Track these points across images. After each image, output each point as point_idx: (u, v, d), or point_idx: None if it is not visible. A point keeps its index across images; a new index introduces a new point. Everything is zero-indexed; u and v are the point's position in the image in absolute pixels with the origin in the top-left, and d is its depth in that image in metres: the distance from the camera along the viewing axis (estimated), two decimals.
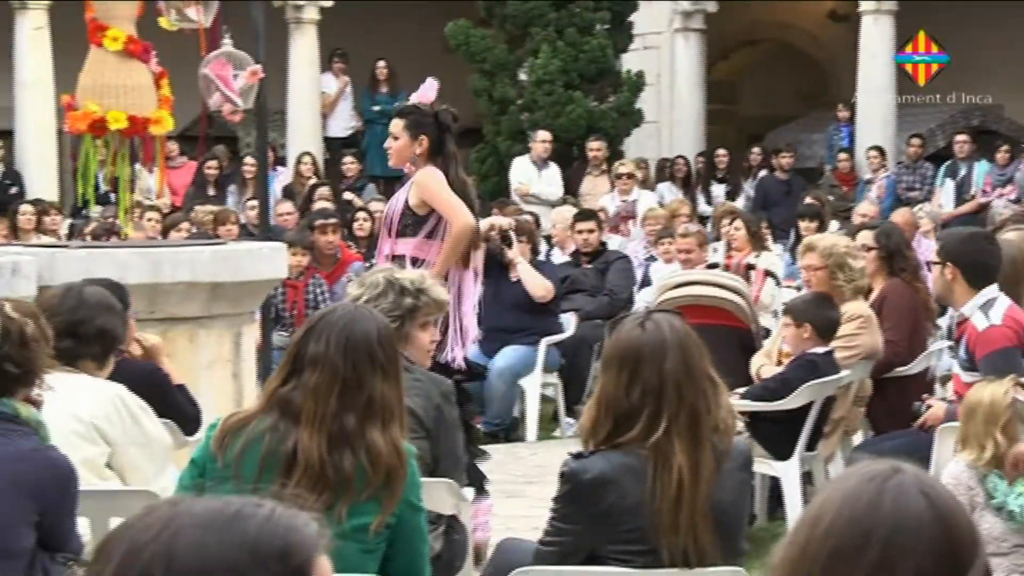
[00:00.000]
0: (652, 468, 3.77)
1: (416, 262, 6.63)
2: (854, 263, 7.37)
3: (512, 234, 9.91)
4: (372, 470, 3.74)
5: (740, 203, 16.24)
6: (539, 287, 9.98)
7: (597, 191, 15.47)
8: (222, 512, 1.64)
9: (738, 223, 11.44)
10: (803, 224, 12.54)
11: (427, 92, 7.19)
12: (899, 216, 12.34)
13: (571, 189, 15.54)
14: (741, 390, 7.20)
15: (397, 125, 6.96)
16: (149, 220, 12.25)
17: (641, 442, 3.78)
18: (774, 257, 11.48)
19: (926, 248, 11.89)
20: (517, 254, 9.97)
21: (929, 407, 6.62)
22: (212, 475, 3.78)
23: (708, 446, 3.80)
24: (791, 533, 1.80)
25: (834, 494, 1.79)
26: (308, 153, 16.88)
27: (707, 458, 3.79)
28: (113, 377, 4.93)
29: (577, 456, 3.88)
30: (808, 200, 14.37)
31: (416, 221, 6.74)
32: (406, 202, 6.78)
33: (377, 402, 3.76)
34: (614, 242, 13.31)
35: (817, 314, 6.94)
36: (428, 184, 6.73)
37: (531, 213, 12.72)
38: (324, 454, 3.70)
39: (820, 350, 6.90)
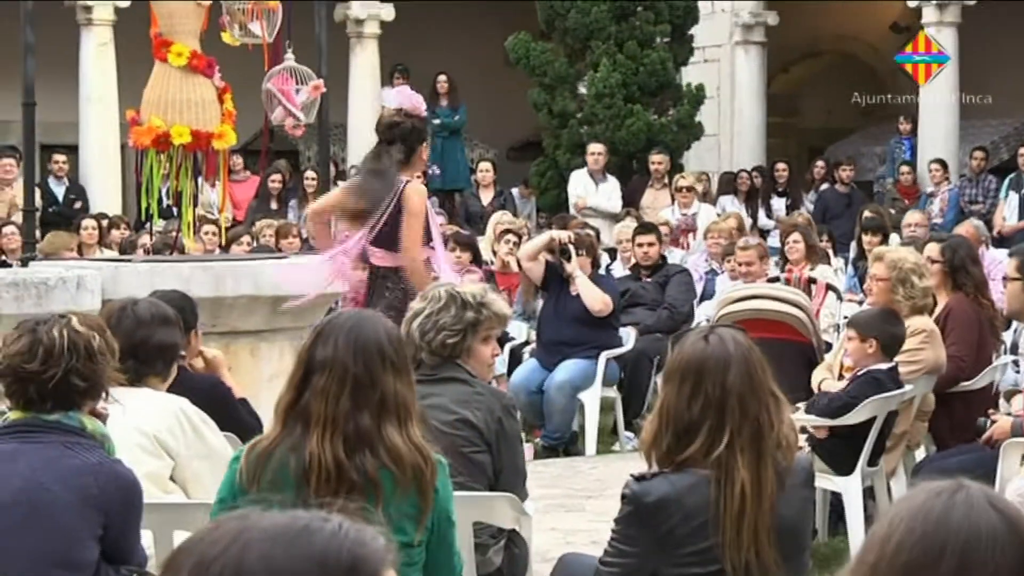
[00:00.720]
0: (715, 483, 3.76)
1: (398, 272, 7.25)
2: (918, 281, 7.28)
3: (571, 248, 9.92)
4: (398, 470, 3.72)
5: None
6: (597, 300, 9.97)
7: (658, 204, 15.46)
8: (290, 526, 1.65)
9: (796, 236, 11.40)
10: (866, 238, 12.45)
11: (414, 102, 7.92)
12: (963, 229, 12.23)
13: (632, 202, 15.53)
14: (803, 404, 7.16)
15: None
16: (207, 234, 12.34)
17: (703, 457, 3.77)
18: (830, 270, 11.41)
19: (987, 261, 11.79)
20: (575, 268, 9.97)
21: (994, 422, 6.56)
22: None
23: (771, 461, 3.79)
24: (860, 553, 1.79)
25: (902, 511, 1.78)
26: None
27: (769, 474, 3.78)
28: (175, 390, 4.96)
29: (639, 478, 3.86)
30: (868, 213, 14.27)
31: None
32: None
33: (391, 400, 3.76)
34: (674, 255, 13.27)
35: (883, 329, 6.86)
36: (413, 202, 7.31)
37: (591, 227, 12.70)
38: (341, 457, 3.68)
39: (884, 366, 6.83)
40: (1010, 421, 6.50)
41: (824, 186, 17.72)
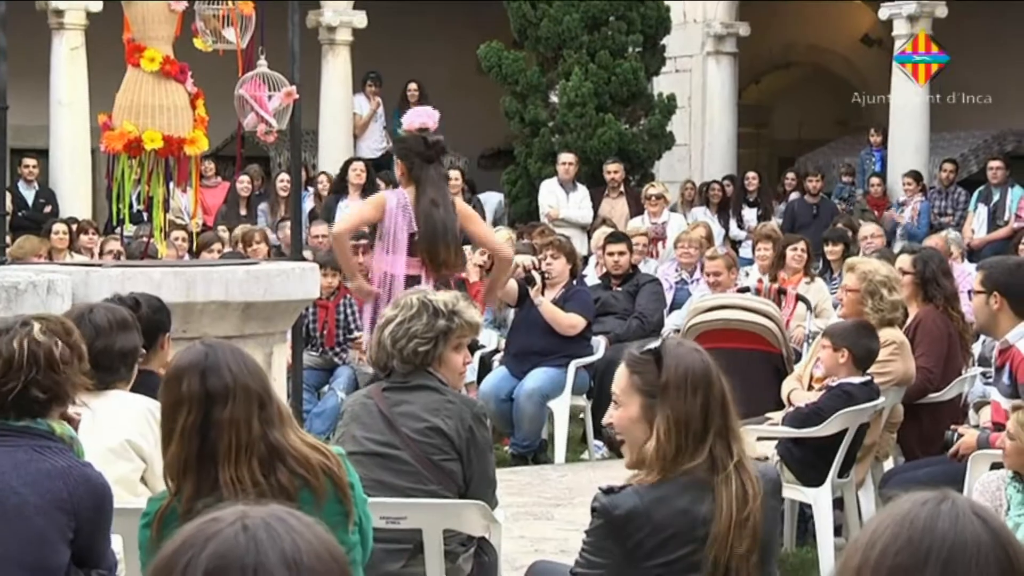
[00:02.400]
0: (710, 492, 3.81)
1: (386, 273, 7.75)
2: (887, 294, 7.28)
3: (536, 274, 9.97)
4: (312, 477, 3.68)
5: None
6: (564, 326, 10.01)
7: (615, 213, 15.46)
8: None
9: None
10: (828, 248, 12.50)
11: (410, 119, 7.98)
12: (933, 241, 12.30)
13: (593, 211, 15.58)
14: (774, 415, 7.19)
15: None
16: (176, 240, 12.31)
17: (708, 468, 3.81)
18: (824, 286, 11.45)
19: (958, 274, 11.86)
20: (538, 294, 10.02)
21: (961, 435, 6.61)
22: None
23: (749, 472, 3.84)
24: (843, 558, 1.81)
25: (887, 518, 1.80)
26: (358, 159, 16.72)
27: (752, 484, 3.82)
28: (140, 392, 4.96)
29: (608, 491, 3.89)
30: (839, 224, 14.34)
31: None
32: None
33: (284, 408, 3.74)
34: (648, 265, 13.31)
35: (858, 342, 6.88)
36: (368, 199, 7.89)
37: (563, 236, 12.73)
38: (259, 479, 3.61)
39: (856, 380, 6.85)
40: (976, 435, 6.55)
41: (794, 196, 17.79)
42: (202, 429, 3.64)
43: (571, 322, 10.02)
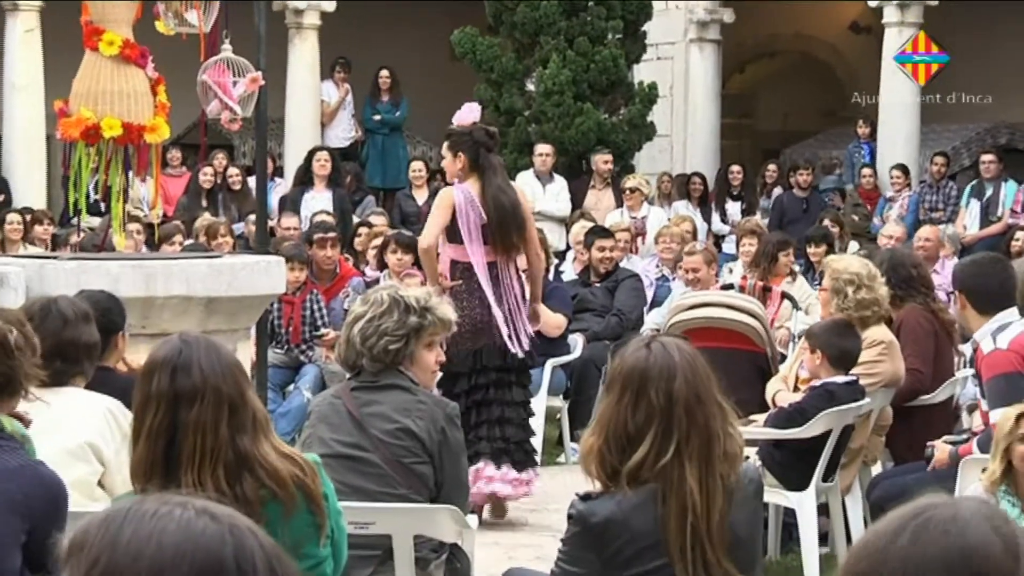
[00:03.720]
0: (660, 495, 3.78)
1: (456, 265, 8.11)
2: (853, 293, 7.28)
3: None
4: (281, 490, 3.64)
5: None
6: (552, 327, 9.95)
7: (601, 206, 15.47)
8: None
9: (792, 248, 11.49)
10: (810, 249, 12.51)
11: (464, 115, 8.61)
12: (926, 233, 12.34)
13: (575, 203, 15.55)
14: (757, 417, 7.21)
15: (444, 146, 8.61)
16: (133, 231, 12.22)
17: (649, 468, 3.78)
18: (806, 285, 11.49)
19: (950, 271, 11.91)
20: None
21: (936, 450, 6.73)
22: None
23: (719, 473, 3.82)
24: (859, 548, 1.83)
25: (903, 512, 1.82)
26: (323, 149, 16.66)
27: (719, 486, 3.81)
28: (95, 390, 4.95)
29: (585, 497, 3.88)
30: (826, 221, 14.38)
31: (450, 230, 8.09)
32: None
33: (260, 414, 3.69)
34: (632, 262, 13.31)
35: (830, 342, 6.94)
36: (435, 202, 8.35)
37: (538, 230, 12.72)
38: (224, 488, 3.56)
39: (840, 379, 6.88)
40: (948, 449, 6.63)
41: (778, 190, 17.81)
42: (169, 430, 3.60)
43: (558, 323, 10.02)
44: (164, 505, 1.74)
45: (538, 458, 8.05)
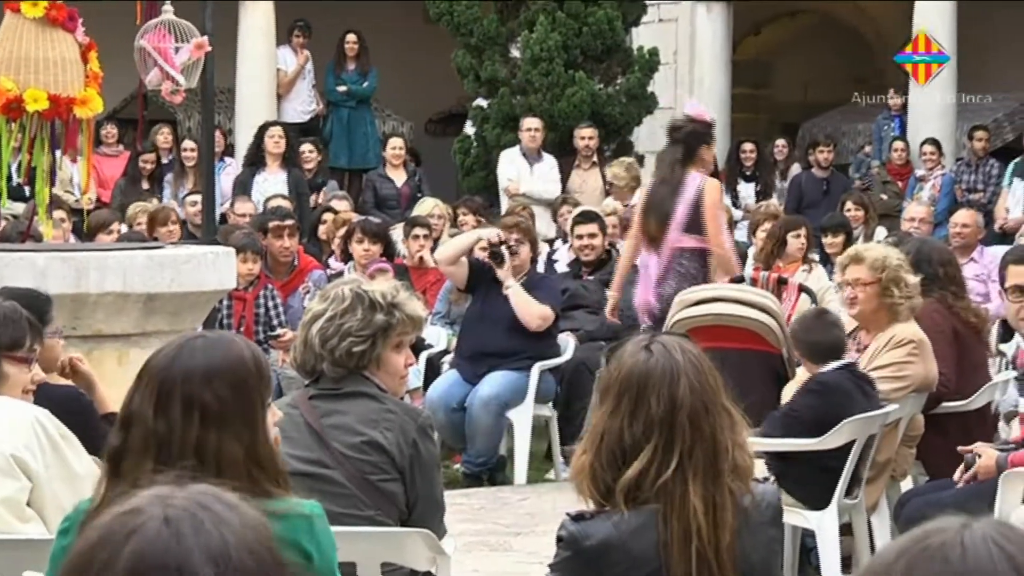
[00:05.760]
0: (661, 514, 3.78)
1: (704, 254, 9.46)
2: (909, 277, 7.41)
3: (504, 250, 9.96)
4: None
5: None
6: (534, 317, 9.98)
7: (587, 187, 15.44)
8: None
9: (804, 231, 11.53)
10: (826, 240, 12.50)
11: (701, 109, 10.34)
12: (963, 218, 12.35)
13: (564, 185, 15.54)
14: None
15: (699, 140, 9.91)
16: (60, 219, 12.19)
17: (649, 484, 3.78)
18: (824, 274, 11.52)
19: (987, 261, 11.93)
20: (509, 275, 10.01)
21: (979, 456, 6.65)
22: None
23: (727, 488, 3.81)
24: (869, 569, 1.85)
25: (908, 537, 1.84)
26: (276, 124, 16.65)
27: (727, 502, 3.80)
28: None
29: (577, 517, 3.87)
30: (849, 203, 14.39)
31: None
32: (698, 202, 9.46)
33: (205, 460, 3.56)
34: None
35: (799, 336, 7.11)
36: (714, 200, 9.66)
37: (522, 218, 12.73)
38: None
39: (833, 365, 6.98)
40: (995, 457, 6.57)
41: (795, 169, 17.83)
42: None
43: (542, 313, 10.02)
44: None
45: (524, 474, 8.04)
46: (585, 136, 15.74)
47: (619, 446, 3.82)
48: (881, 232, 13.99)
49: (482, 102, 16.76)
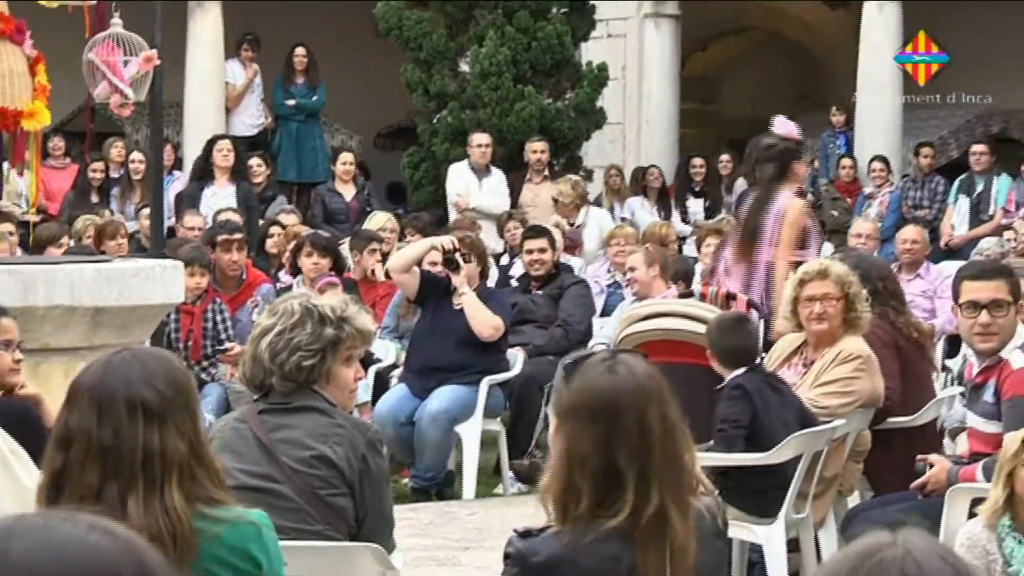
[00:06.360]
0: (640, 541, 3.74)
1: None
2: (863, 292, 7.51)
3: (459, 257, 9.96)
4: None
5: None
6: (486, 325, 9.98)
7: (539, 202, 15.46)
8: None
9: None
10: None
11: (791, 128, 10.39)
12: (911, 234, 12.41)
13: (514, 200, 15.55)
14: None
15: (792, 157, 10.17)
16: (7, 231, 12.13)
17: (632, 512, 3.74)
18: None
19: (934, 276, 12.00)
20: (464, 282, 10.01)
21: (931, 466, 6.66)
22: None
23: (692, 509, 3.79)
24: None
25: (854, 552, 1.85)
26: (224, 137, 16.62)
27: (690, 524, 3.78)
28: None
29: (524, 534, 3.85)
30: None
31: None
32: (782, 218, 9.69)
33: (153, 462, 3.61)
34: (573, 264, 13.33)
35: (715, 340, 7.24)
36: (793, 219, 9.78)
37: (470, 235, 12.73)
38: None
39: (742, 370, 7.04)
40: (947, 469, 6.57)
41: (741, 184, 17.88)
42: (53, 464, 3.66)
43: (495, 323, 10.02)
44: (52, 519, 1.76)
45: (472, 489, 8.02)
46: (537, 150, 15.76)
47: (598, 470, 3.76)
48: (828, 248, 14.06)
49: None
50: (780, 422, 7.00)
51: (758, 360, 7.36)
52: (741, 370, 7.10)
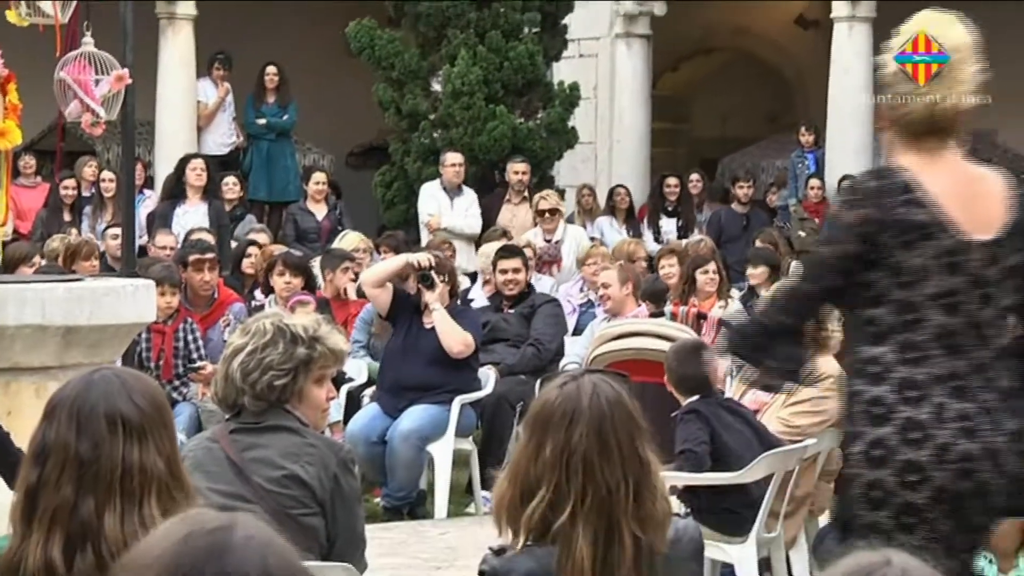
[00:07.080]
0: (556, 555, 3.74)
1: None
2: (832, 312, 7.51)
3: (434, 274, 9.96)
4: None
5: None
6: (457, 341, 9.98)
7: (517, 223, 15.46)
8: None
9: (712, 267, 11.58)
10: (751, 271, 12.50)
11: None
12: None
13: (488, 220, 15.54)
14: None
15: None
16: None
17: (541, 525, 3.74)
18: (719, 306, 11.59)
19: None
20: (436, 299, 10.00)
21: None
22: None
23: (628, 539, 3.74)
24: None
25: (842, 571, 1.85)
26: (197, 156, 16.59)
27: (624, 554, 3.73)
28: None
29: (499, 552, 3.86)
30: (759, 243, 14.41)
31: None
32: None
33: (132, 477, 3.59)
34: (542, 283, 13.33)
35: (672, 366, 7.26)
36: None
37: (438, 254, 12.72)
38: (57, 560, 3.50)
39: (696, 397, 7.08)
40: None
41: (706, 205, 17.92)
42: (28, 480, 3.60)
43: (465, 339, 10.02)
44: None
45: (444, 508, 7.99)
46: (518, 171, 15.81)
47: (526, 481, 3.79)
48: (795, 267, 14.08)
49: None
50: (742, 440, 7.02)
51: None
52: (695, 397, 7.13)
